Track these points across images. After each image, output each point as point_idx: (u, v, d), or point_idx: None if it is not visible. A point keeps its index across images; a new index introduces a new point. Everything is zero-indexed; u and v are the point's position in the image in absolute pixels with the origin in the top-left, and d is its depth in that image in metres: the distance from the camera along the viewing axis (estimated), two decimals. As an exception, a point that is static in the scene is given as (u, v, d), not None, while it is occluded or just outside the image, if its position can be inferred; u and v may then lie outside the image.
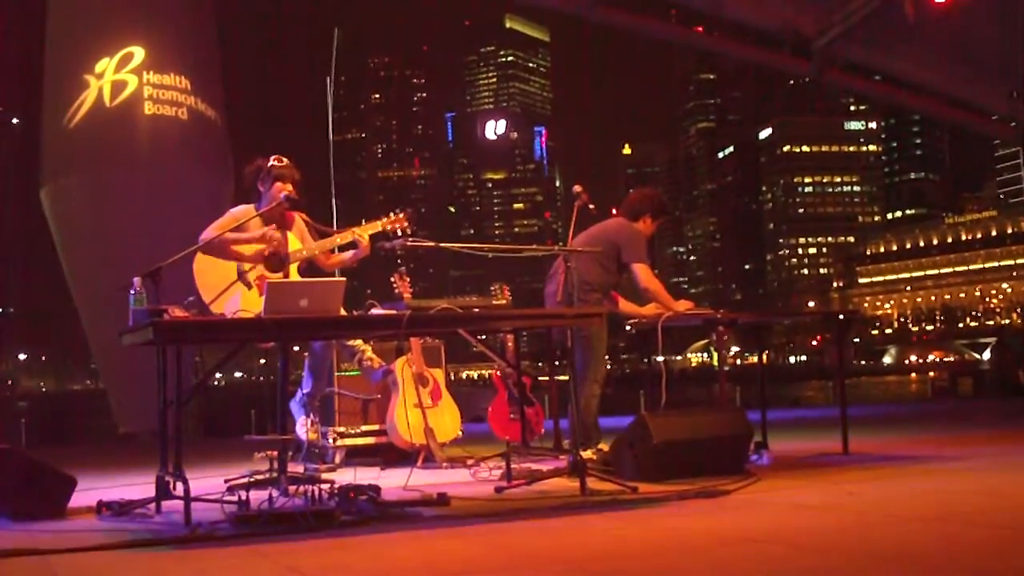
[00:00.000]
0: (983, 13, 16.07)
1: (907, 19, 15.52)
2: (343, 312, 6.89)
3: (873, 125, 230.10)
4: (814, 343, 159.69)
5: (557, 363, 8.27)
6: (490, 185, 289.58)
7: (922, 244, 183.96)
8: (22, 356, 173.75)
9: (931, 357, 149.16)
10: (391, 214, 8.10)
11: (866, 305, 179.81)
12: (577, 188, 8.42)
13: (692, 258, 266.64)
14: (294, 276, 7.88)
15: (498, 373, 10.58)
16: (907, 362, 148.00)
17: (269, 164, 8.14)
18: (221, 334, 6.90)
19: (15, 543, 5.47)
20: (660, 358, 9.03)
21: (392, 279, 9.64)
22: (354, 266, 8.36)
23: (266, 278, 7.68)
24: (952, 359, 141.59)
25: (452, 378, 10.25)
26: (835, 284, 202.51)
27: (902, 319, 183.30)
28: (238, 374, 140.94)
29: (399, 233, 8.10)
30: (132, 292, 6.49)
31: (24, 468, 6.67)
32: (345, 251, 8.34)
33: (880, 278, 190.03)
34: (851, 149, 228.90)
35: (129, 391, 16.46)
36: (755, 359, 10.66)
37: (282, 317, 6.40)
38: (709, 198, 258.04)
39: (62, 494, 6.74)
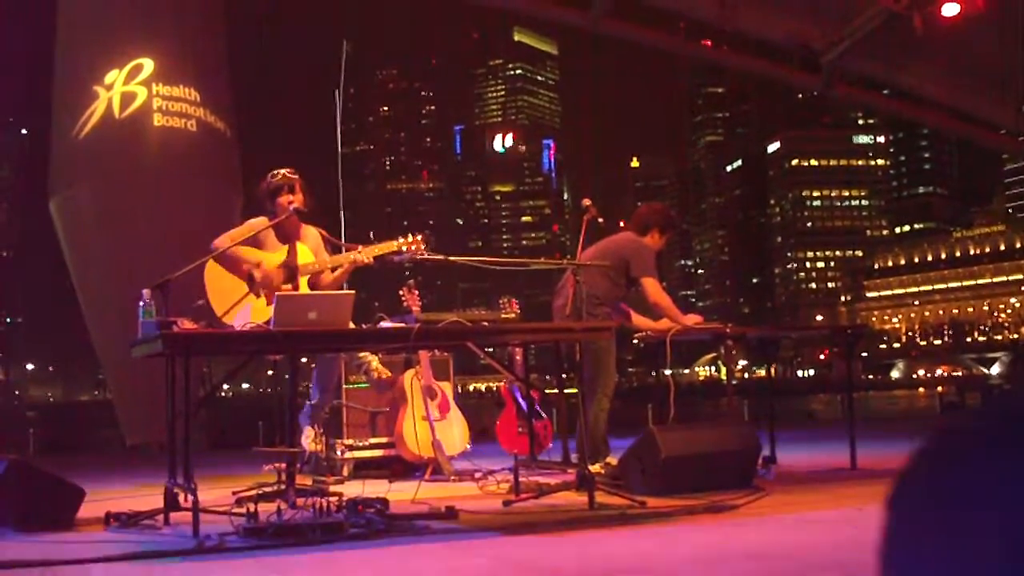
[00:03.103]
0: (991, 27, 16.08)
1: (915, 33, 15.52)
2: (352, 325, 6.89)
3: (881, 139, 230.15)
4: (821, 357, 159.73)
5: (564, 376, 8.25)
6: (498, 198, 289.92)
7: (930, 258, 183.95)
8: (30, 366, 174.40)
9: (939, 371, 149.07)
10: (408, 236, 8.02)
11: (874, 319, 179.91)
12: (586, 202, 8.42)
13: (700, 271, 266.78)
14: (304, 289, 7.88)
15: (506, 386, 10.58)
16: (915, 376, 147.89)
17: (265, 182, 8.13)
18: (230, 346, 6.90)
19: (23, 554, 5.48)
20: (668, 372, 9.04)
21: (401, 292, 9.64)
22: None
23: (276, 289, 7.68)
24: (960, 373, 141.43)
25: (459, 390, 10.26)
26: (843, 298, 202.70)
27: (910, 333, 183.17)
28: (245, 385, 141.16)
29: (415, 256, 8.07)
30: (141, 304, 6.50)
31: (32, 479, 6.68)
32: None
33: (888, 292, 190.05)
34: (859, 163, 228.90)
35: (136, 402, 16.43)
36: (763, 372, 10.66)
37: (291, 329, 6.40)
38: (717, 211, 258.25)
39: (70, 505, 6.75)
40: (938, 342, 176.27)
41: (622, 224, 9.82)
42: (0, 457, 6.89)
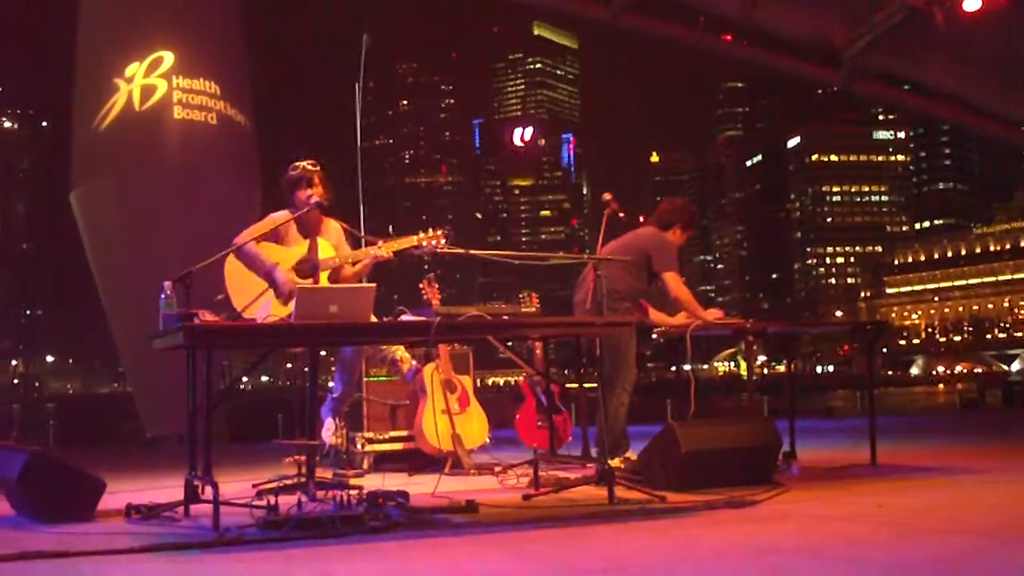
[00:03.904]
0: (1012, 22, 16.02)
1: (937, 29, 15.46)
2: (373, 318, 6.89)
3: (902, 135, 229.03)
4: (841, 353, 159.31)
5: (582, 370, 8.26)
6: (517, 192, 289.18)
7: (950, 254, 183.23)
8: (50, 358, 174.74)
9: (959, 368, 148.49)
10: (428, 230, 8.01)
11: (893, 315, 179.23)
12: (607, 196, 8.40)
13: (719, 266, 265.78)
14: (324, 282, 7.88)
15: (526, 380, 10.58)
16: (935, 373, 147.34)
17: (285, 176, 8.14)
18: (252, 339, 6.90)
19: (45, 545, 5.50)
20: (688, 367, 9.02)
21: (421, 286, 9.64)
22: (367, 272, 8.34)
23: (296, 283, 7.69)
24: (980, 370, 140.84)
25: (479, 384, 10.24)
26: (862, 294, 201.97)
27: (929, 329, 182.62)
28: (264, 378, 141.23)
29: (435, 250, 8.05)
30: (163, 296, 6.51)
31: (54, 471, 6.70)
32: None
33: (908, 288, 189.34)
34: (879, 159, 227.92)
35: (156, 395, 16.48)
36: (782, 368, 10.62)
37: (312, 323, 6.40)
38: (737, 206, 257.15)
39: (91, 497, 6.77)
40: (958, 338, 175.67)
41: (642, 219, 9.80)
42: (22, 449, 6.91)
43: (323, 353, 8.62)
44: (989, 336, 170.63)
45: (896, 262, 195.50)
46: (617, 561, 5.02)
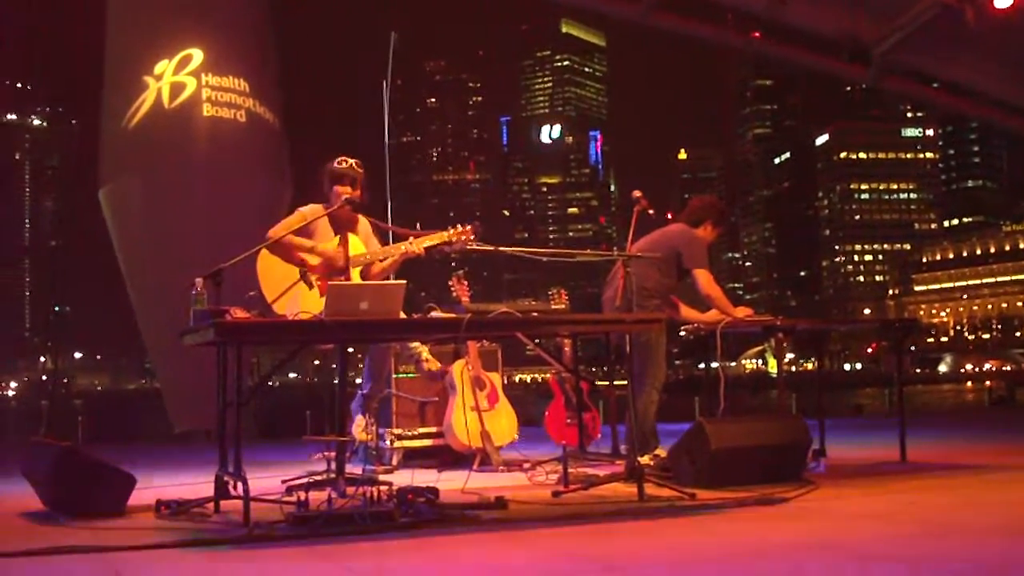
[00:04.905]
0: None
1: (967, 26, 15.39)
2: (402, 315, 6.89)
3: (930, 132, 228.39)
4: (869, 350, 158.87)
5: (606, 368, 8.24)
6: (544, 189, 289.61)
7: (979, 252, 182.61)
8: (78, 355, 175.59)
9: (987, 366, 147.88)
10: (457, 226, 7.98)
11: (922, 313, 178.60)
12: (636, 193, 8.35)
13: (748, 264, 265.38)
14: (355, 279, 7.88)
15: (555, 377, 10.58)
16: (963, 370, 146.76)
17: (331, 166, 8.14)
18: (282, 335, 6.91)
19: (77, 540, 5.52)
20: (716, 364, 9.00)
21: (450, 283, 9.66)
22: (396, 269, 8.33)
23: (328, 280, 7.68)
24: (1009, 368, 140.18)
25: (506, 381, 10.24)
26: (891, 291, 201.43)
27: (958, 327, 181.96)
28: (292, 375, 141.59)
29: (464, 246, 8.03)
30: (194, 292, 6.53)
31: (85, 466, 6.72)
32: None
33: (936, 286, 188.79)
34: (908, 156, 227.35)
35: (184, 391, 16.53)
36: (810, 366, 10.57)
37: (343, 319, 6.41)
38: (765, 204, 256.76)
39: (122, 492, 6.78)
40: (987, 336, 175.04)
41: (670, 216, 9.79)
42: (53, 444, 6.94)
43: (350, 350, 8.63)
44: (1018, 334, 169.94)
45: (925, 260, 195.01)
46: (647, 557, 5.02)
